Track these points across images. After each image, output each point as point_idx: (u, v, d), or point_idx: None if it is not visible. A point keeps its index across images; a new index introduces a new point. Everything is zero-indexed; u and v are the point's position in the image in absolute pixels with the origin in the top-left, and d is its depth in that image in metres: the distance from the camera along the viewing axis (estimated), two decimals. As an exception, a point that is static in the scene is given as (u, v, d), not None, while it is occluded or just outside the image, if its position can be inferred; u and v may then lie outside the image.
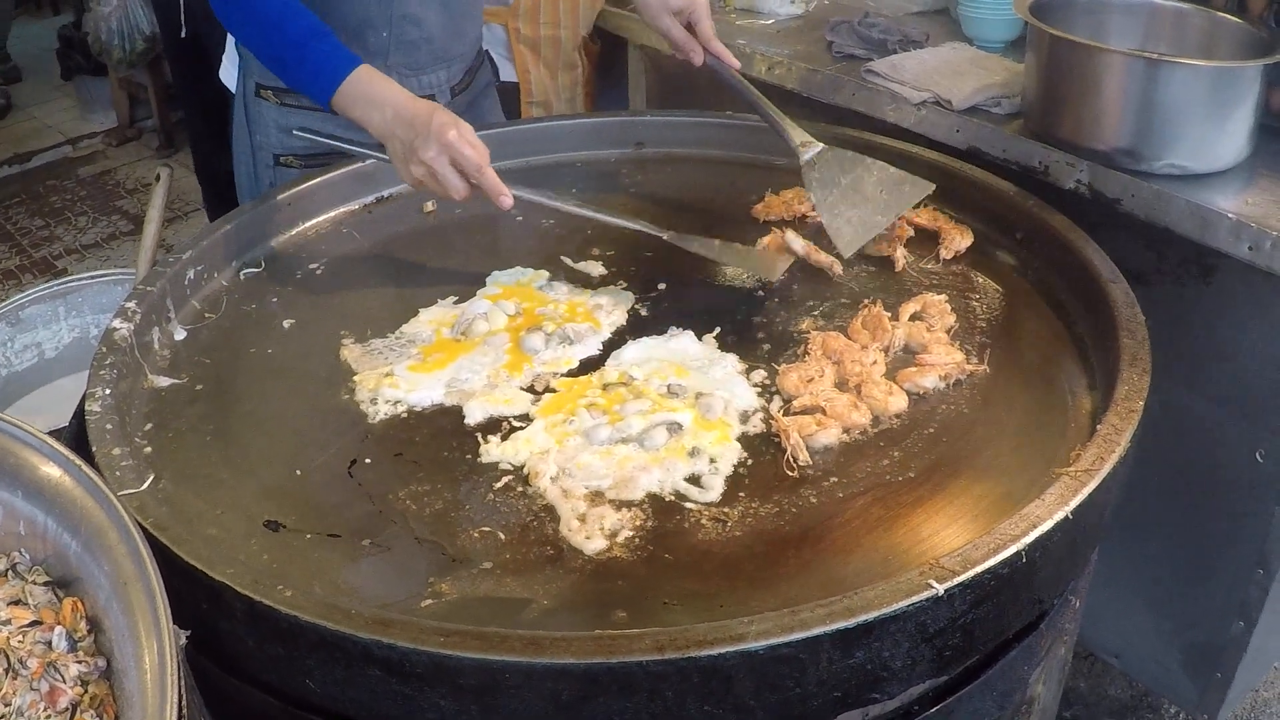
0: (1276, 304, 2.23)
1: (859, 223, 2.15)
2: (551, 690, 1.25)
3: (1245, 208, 2.22)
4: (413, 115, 1.99)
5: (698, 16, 2.37)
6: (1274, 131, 2.45)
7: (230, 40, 2.63)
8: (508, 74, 3.50)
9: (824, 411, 1.73)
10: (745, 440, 1.70)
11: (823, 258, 2.11)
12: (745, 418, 1.74)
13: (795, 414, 1.74)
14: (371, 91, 2.05)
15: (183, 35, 4.62)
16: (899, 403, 1.77)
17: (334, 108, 2.09)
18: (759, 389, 1.81)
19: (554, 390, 1.82)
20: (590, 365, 1.88)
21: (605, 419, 1.73)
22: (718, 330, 1.95)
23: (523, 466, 1.65)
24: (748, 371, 1.84)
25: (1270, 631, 2.62)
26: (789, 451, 1.66)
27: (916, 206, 2.22)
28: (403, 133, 1.99)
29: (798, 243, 2.13)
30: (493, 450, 1.69)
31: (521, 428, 1.73)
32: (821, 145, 2.24)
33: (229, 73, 2.64)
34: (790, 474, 1.63)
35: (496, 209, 2.01)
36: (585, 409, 1.75)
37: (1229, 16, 2.47)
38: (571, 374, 1.86)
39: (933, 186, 2.21)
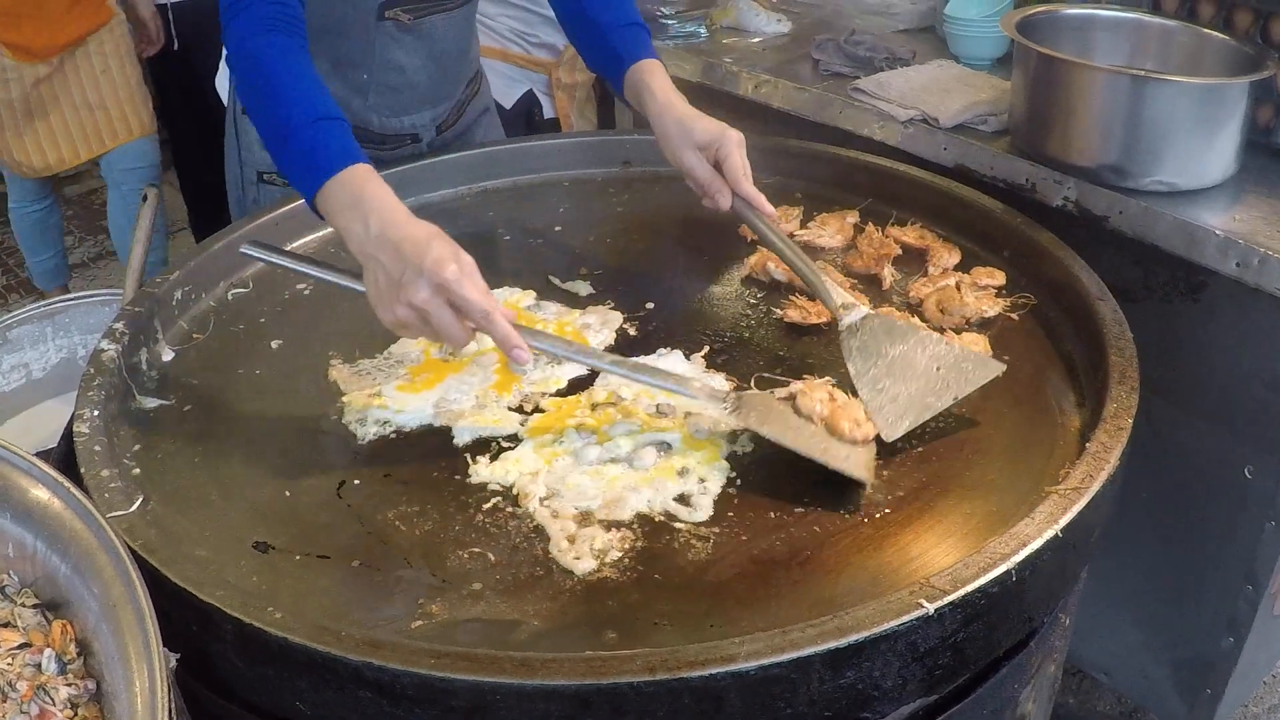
0: (1264, 320, 2.24)
1: (907, 401, 1.78)
2: (543, 711, 1.25)
3: (1233, 224, 2.23)
4: (402, 239, 1.65)
5: (726, 152, 2.09)
6: (1261, 148, 2.46)
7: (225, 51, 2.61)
8: (549, 111, 3.70)
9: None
10: (734, 459, 1.70)
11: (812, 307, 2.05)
12: (734, 437, 1.74)
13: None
14: (363, 195, 1.72)
15: (174, 48, 4.66)
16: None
17: (316, 207, 1.79)
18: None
19: (543, 410, 1.81)
20: (579, 385, 1.88)
21: (594, 439, 1.73)
22: (706, 350, 1.95)
23: (512, 487, 1.65)
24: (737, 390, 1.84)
25: (1259, 647, 2.62)
26: None
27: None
28: (388, 259, 1.65)
29: (779, 273, 2.13)
30: (482, 471, 1.69)
31: (510, 448, 1.73)
32: (867, 310, 1.91)
33: (223, 84, 2.65)
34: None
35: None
36: (574, 429, 1.75)
37: (1215, 33, 2.48)
38: (560, 394, 1.86)
39: (1003, 368, 1.83)
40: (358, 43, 2.31)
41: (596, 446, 1.70)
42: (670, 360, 1.91)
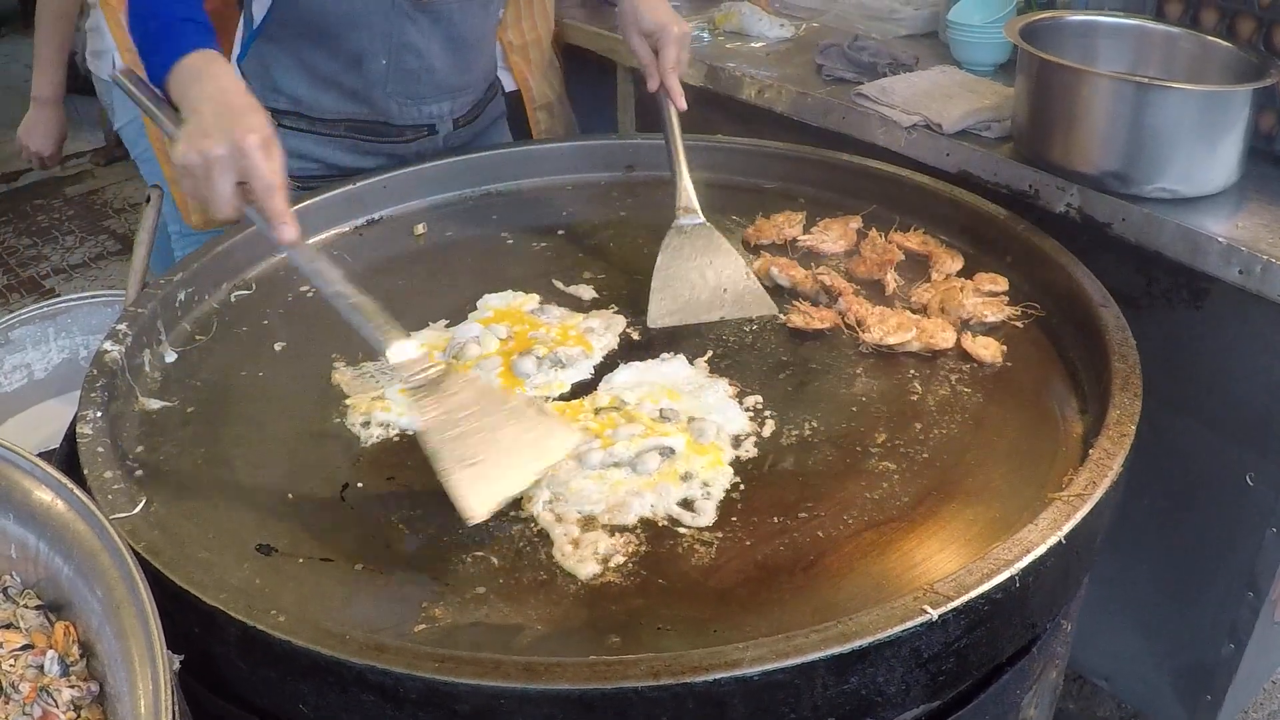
0: (1267, 327, 2.24)
1: (682, 304, 2.06)
2: (547, 716, 1.24)
3: (1235, 231, 2.23)
4: (229, 103, 1.71)
5: (664, 43, 2.28)
6: (1264, 155, 2.46)
7: None
8: (509, 84, 3.61)
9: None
10: (738, 465, 1.70)
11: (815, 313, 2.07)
12: (738, 442, 1.74)
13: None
14: (208, 69, 1.79)
15: None
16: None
17: (166, 84, 1.82)
18: (751, 413, 1.81)
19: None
20: (582, 389, 1.88)
21: (598, 443, 1.72)
22: (709, 354, 1.95)
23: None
24: (740, 396, 1.84)
25: (1260, 653, 2.62)
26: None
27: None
28: (208, 112, 1.69)
29: (782, 278, 2.14)
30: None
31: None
32: (701, 220, 2.17)
33: None
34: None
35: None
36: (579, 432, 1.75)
37: (1219, 40, 2.48)
38: (563, 398, 1.86)
39: (775, 312, 2.06)
40: (377, 30, 2.32)
41: (600, 451, 1.70)
42: (674, 364, 1.91)
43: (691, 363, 1.92)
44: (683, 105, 2.28)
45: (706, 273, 2.09)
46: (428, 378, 1.66)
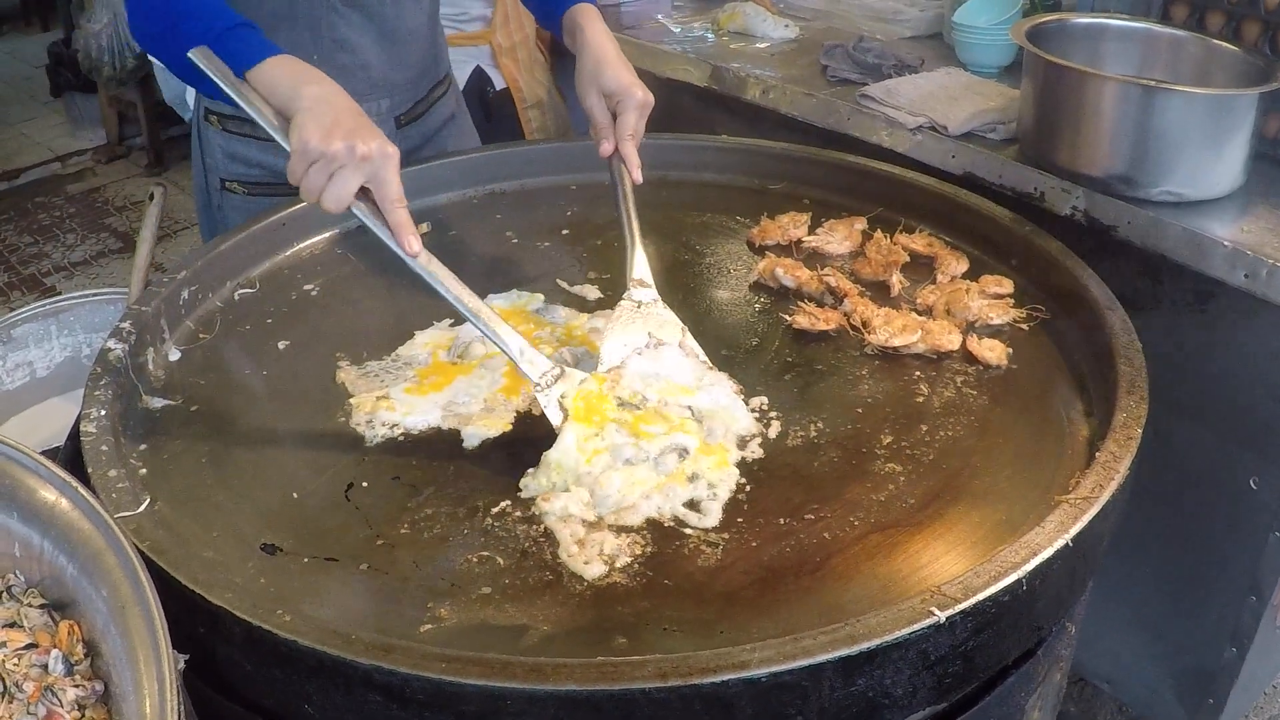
0: (1272, 332, 2.24)
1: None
2: (554, 717, 1.24)
3: (1241, 235, 2.23)
4: (356, 110, 1.73)
5: (624, 108, 2.15)
6: (1269, 159, 2.46)
7: None
8: (500, 83, 3.64)
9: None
10: (743, 466, 1.69)
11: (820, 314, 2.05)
12: (743, 443, 1.73)
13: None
14: (313, 74, 1.78)
15: None
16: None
17: (251, 78, 1.78)
18: (757, 414, 1.80)
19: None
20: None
21: (632, 438, 1.71)
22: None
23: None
24: (745, 395, 1.84)
25: (1262, 658, 2.62)
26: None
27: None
28: (340, 108, 1.71)
29: (787, 279, 2.13)
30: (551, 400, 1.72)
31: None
32: (654, 297, 1.97)
33: (189, 96, 2.61)
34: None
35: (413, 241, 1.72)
36: (615, 425, 1.73)
37: (1225, 44, 2.49)
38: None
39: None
40: (304, 26, 2.28)
41: (632, 446, 1.69)
42: (672, 353, 1.90)
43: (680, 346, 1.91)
44: (638, 178, 2.16)
45: (658, 358, 1.89)
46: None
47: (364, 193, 1.70)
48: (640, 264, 2.03)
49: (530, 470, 1.67)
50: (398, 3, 2.38)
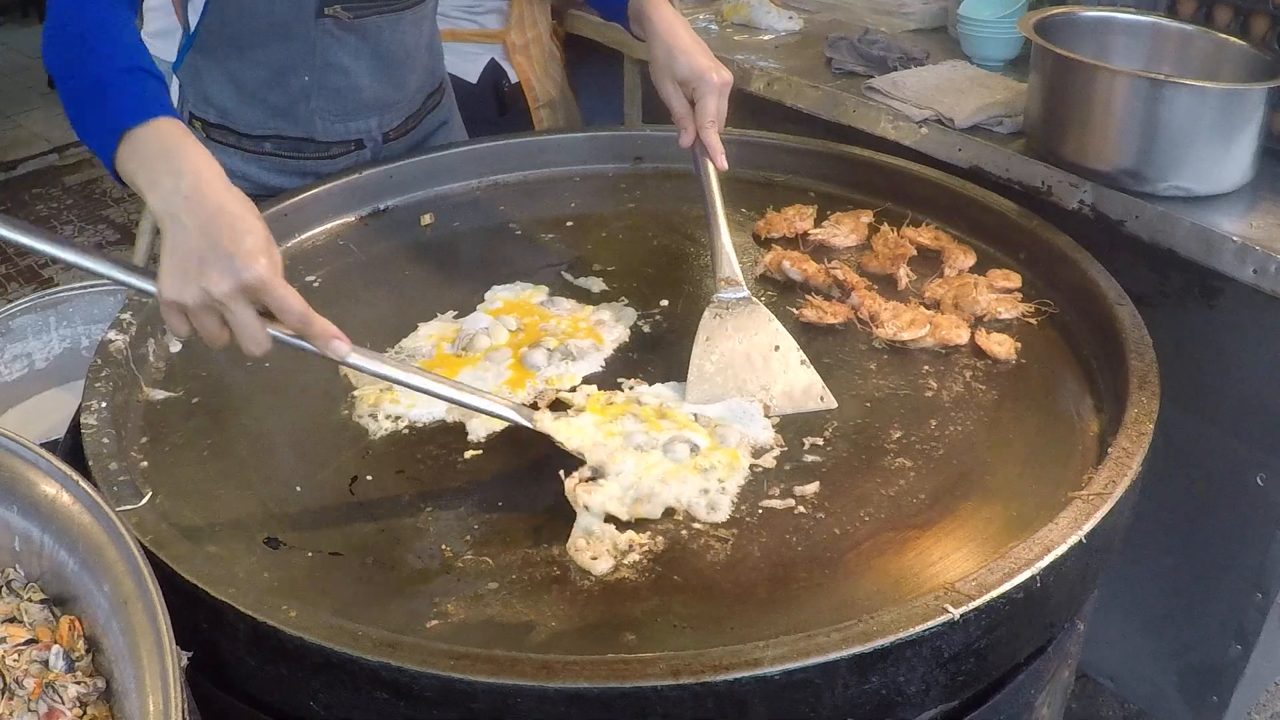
0: (1280, 327, 2.23)
1: (721, 384, 1.81)
2: (564, 714, 1.22)
3: (1250, 230, 2.21)
4: (218, 210, 1.45)
5: (701, 94, 2.06)
6: (1278, 155, 2.45)
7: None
8: (515, 77, 3.62)
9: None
10: (754, 465, 1.68)
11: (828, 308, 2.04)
12: (759, 453, 1.70)
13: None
14: (177, 148, 1.52)
15: None
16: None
17: (118, 164, 1.55)
18: (775, 422, 1.78)
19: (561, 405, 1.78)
20: (593, 381, 1.85)
21: (644, 426, 1.70)
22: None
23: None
24: (765, 407, 1.81)
25: (1267, 654, 2.61)
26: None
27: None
28: (196, 230, 1.44)
29: (794, 272, 2.12)
30: (545, 423, 1.68)
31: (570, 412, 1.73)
32: (745, 293, 1.92)
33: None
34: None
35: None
36: (632, 415, 1.73)
37: (1233, 39, 2.47)
38: (573, 390, 1.83)
39: (833, 404, 1.80)
40: (299, 44, 2.22)
41: (644, 434, 1.68)
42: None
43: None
44: (723, 165, 2.07)
45: (754, 357, 1.85)
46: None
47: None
48: (729, 261, 1.96)
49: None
50: (396, 27, 2.33)
